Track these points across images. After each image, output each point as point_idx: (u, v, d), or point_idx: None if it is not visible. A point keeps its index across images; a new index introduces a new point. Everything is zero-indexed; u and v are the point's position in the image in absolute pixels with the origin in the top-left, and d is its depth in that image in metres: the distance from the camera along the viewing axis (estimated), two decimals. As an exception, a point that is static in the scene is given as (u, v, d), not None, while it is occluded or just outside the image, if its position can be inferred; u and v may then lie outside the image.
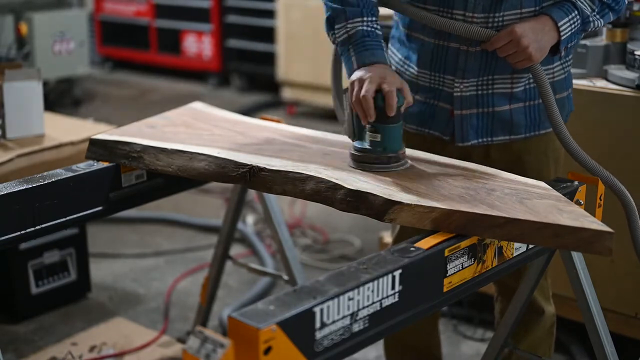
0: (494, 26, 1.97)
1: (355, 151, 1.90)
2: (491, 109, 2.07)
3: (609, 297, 2.55)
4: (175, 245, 4.11)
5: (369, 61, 1.91)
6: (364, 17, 1.97)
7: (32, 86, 2.91)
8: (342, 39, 1.98)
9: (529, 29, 1.92)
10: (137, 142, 2.10)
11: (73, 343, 3.02)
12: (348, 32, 1.97)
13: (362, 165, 1.87)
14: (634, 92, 2.62)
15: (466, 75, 2.03)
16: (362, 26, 1.96)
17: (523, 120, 2.09)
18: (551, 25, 1.94)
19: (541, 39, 1.93)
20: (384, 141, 1.87)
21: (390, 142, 1.87)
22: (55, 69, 6.39)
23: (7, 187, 1.93)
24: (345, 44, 1.97)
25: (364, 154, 1.88)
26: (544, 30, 1.93)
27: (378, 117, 1.85)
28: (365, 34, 1.96)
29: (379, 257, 1.52)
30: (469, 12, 1.97)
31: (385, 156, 1.87)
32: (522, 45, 1.90)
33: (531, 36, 1.91)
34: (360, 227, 4.23)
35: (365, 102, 1.83)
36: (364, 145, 1.89)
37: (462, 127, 2.08)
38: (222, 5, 7.40)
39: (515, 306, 2.17)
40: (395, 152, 1.87)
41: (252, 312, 1.30)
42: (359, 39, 1.95)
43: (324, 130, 2.24)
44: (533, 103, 2.09)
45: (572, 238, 1.57)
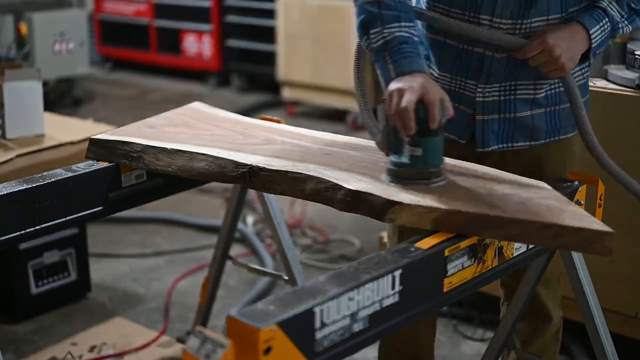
0: (521, 32, 1.95)
1: (394, 166, 1.78)
2: (513, 114, 2.04)
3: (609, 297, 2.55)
4: (175, 245, 4.11)
5: (408, 70, 1.79)
6: (402, 22, 1.85)
7: (32, 86, 2.92)
8: (378, 45, 1.85)
9: (561, 38, 1.89)
10: (137, 142, 2.10)
11: (73, 343, 3.02)
12: (385, 38, 1.84)
13: (401, 181, 1.76)
14: (634, 92, 2.62)
15: (490, 80, 2.01)
16: (399, 32, 1.83)
17: (544, 126, 2.06)
18: (582, 33, 1.92)
19: (572, 47, 1.90)
20: (425, 155, 1.75)
21: (432, 156, 1.76)
22: (55, 69, 6.39)
23: (7, 187, 1.93)
24: (381, 50, 1.84)
25: (403, 168, 1.77)
26: (576, 38, 1.91)
27: (419, 130, 1.73)
28: (403, 40, 1.83)
29: (379, 257, 1.52)
30: (497, 18, 1.93)
31: (426, 171, 1.76)
32: (554, 55, 1.88)
33: (563, 45, 1.88)
34: (360, 227, 4.23)
35: (406, 114, 1.71)
36: (402, 159, 1.78)
37: (483, 133, 2.05)
38: (222, 5, 7.40)
39: (516, 306, 2.17)
40: (437, 167, 1.77)
41: (252, 312, 1.30)
42: (396, 46, 1.82)
43: (324, 130, 2.24)
44: (554, 109, 2.07)
45: (572, 238, 1.57)
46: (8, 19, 6.17)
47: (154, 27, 7.89)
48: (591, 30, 1.92)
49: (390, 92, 1.77)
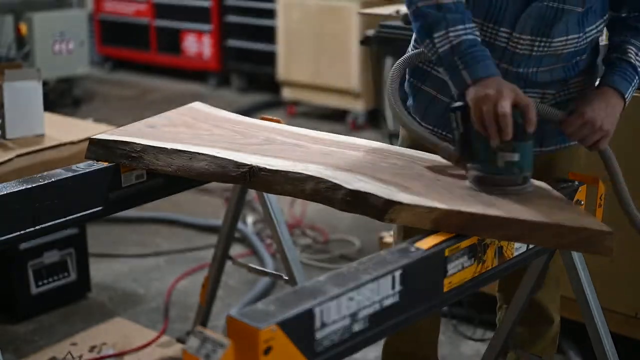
0: (539, 50, 1.91)
1: (485, 173, 1.73)
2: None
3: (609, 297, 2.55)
4: (175, 245, 4.11)
5: (485, 75, 1.73)
6: (466, 24, 1.78)
7: (32, 86, 2.92)
8: (444, 50, 1.78)
9: (598, 108, 1.86)
10: (137, 142, 2.10)
11: (73, 343, 3.02)
12: (451, 42, 1.77)
13: (493, 189, 1.72)
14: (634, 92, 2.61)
15: None
16: (466, 35, 1.77)
17: (554, 133, 2.04)
18: (617, 97, 1.89)
19: (611, 114, 1.87)
20: (522, 160, 1.71)
21: (528, 161, 1.73)
22: (55, 69, 6.39)
23: (7, 187, 1.93)
24: (449, 55, 1.78)
25: (498, 176, 1.72)
26: (611, 103, 1.88)
27: (515, 135, 1.69)
28: (472, 43, 1.77)
29: (379, 257, 1.52)
30: (516, 33, 1.89)
31: (522, 177, 1.73)
32: (597, 126, 1.85)
33: (602, 114, 1.86)
34: (360, 227, 4.23)
35: (504, 119, 1.66)
36: (490, 167, 1.72)
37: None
38: (222, 5, 7.40)
39: (516, 306, 2.17)
40: (530, 171, 1.74)
41: (252, 312, 1.30)
42: (466, 50, 1.76)
43: (324, 130, 2.24)
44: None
45: (572, 238, 1.57)
46: (8, 19, 6.17)
47: (154, 27, 7.89)
48: (626, 94, 1.90)
49: (476, 100, 1.71)
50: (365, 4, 5.86)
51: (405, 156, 1.98)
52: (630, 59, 1.91)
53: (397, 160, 1.94)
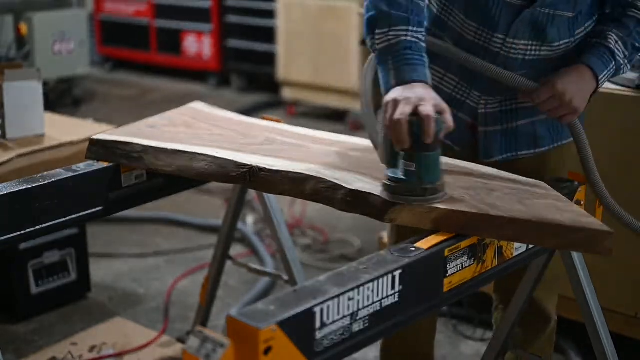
0: (530, 54, 1.94)
1: (389, 181, 1.69)
2: (515, 124, 2.04)
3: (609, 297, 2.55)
4: (175, 245, 4.11)
5: (409, 78, 1.71)
6: (410, 25, 1.76)
7: (32, 86, 2.91)
8: (382, 47, 1.76)
9: (569, 82, 1.88)
10: (137, 142, 2.10)
11: (73, 343, 3.02)
12: (389, 40, 1.76)
13: (396, 197, 1.67)
14: (634, 92, 2.62)
15: (494, 92, 2.00)
16: (406, 36, 1.75)
17: (547, 133, 2.06)
18: (591, 76, 1.90)
19: (582, 90, 1.89)
20: (420, 171, 1.65)
21: (427, 172, 1.65)
22: (55, 69, 6.39)
23: (7, 187, 1.93)
24: (384, 53, 1.76)
25: (398, 184, 1.67)
26: (585, 80, 1.90)
27: (413, 144, 1.64)
28: (408, 45, 1.74)
29: (379, 257, 1.52)
30: (510, 38, 1.91)
31: (420, 188, 1.65)
32: (566, 100, 1.86)
33: (573, 89, 1.87)
34: (360, 227, 4.23)
35: (399, 127, 1.62)
36: (398, 174, 1.68)
37: (486, 144, 2.05)
38: (222, 5, 7.40)
39: (515, 306, 2.17)
40: (433, 183, 1.66)
41: (252, 312, 1.30)
42: (400, 51, 1.74)
43: (324, 130, 2.24)
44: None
45: (572, 238, 1.57)
46: (8, 19, 6.17)
47: (154, 27, 7.89)
48: (600, 75, 1.91)
49: (386, 102, 1.70)
50: (365, 4, 5.86)
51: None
52: (609, 44, 1.93)
53: (397, 160, 1.94)
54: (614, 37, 1.93)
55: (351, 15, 6.03)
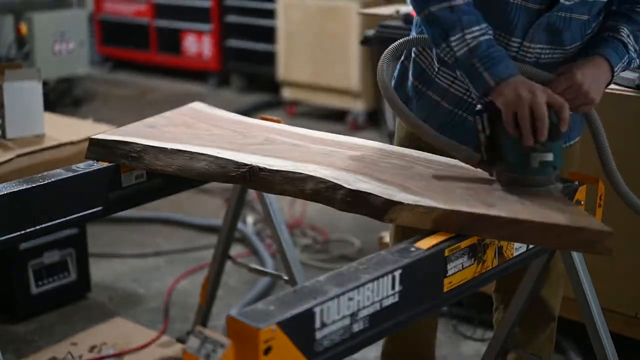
0: (545, 57, 1.94)
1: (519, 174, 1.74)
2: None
3: (609, 297, 2.55)
4: (175, 245, 4.11)
5: (507, 74, 1.73)
6: (481, 24, 1.78)
7: (32, 86, 2.91)
8: (462, 53, 1.77)
9: (588, 74, 1.86)
10: (137, 142, 2.10)
11: (73, 343, 3.02)
12: (469, 44, 1.76)
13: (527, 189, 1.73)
14: (634, 92, 2.62)
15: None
16: (482, 36, 1.77)
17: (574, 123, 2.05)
18: (607, 68, 1.89)
19: (599, 81, 1.88)
20: (556, 159, 1.73)
21: (560, 159, 1.75)
22: (55, 69, 6.39)
23: (7, 187, 1.93)
24: (467, 57, 1.77)
25: (533, 176, 1.73)
26: (601, 72, 1.88)
27: (550, 135, 1.70)
28: (489, 44, 1.76)
29: (379, 257, 1.52)
30: (527, 42, 1.91)
31: (555, 174, 1.74)
32: (583, 90, 1.84)
33: (590, 80, 1.85)
34: (360, 227, 4.23)
35: (542, 121, 1.67)
36: (525, 169, 1.73)
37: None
38: (222, 5, 7.40)
39: (516, 306, 2.17)
40: (558, 169, 1.76)
41: (252, 312, 1.30)
42: (484, 52, 1.76)
43: (324, 130, 2.24)
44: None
45: (572, 238, 1.57)
46: (8, 19, 6.17)
47: (154, 27, 7.89)
48: (615, 67, 1.90)
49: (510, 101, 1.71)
50: (365, 4, 5.86)
51: (405, 156, 1.98)
52: (622, 37, 1.92)
53: (397, 160, 1.94)
54: (627, 30, 1.92)
55: (351, 15, 6.03)
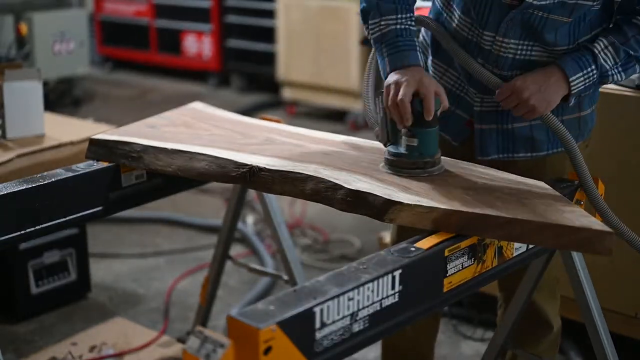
0: (521, 54, 1.94)
1: (391, 156, 1.87)
2: (511, 125, 2.03)
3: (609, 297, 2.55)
4: (175, 245, 4.11)
5: (402, 64, 1.86)
6: (398, 14, 1.90)
7: (32, 86, 2.91)
8: (375, 37, 1.92)
9: (531, 81, 1.88)
10: (137, 142, 2.10)
11: (73, 343, 3.02)
12: (381, 30, 1.91)
13: (398, 170, 1.84)
14: (634, 92, 2.62)
15: (489, 91, 1.99)
16: (395, 25, 1.90)
17: (545, 137, 2.04)
18: (559, 77, 1.89)
19: (545, 90, 1.88)
20: (421, 146, 1.84)
21: (427, 147, 1.84)
22: (55, 69, 6.39)
23: (7, 187, 1.93)
24: (378, 42, 1.92)
25: (400, 158, 1.85)
26: (549, 81, 1.89)
27: (415, 122, 1.82)
28: (398, 33, 1.89)
29: (379, 257, 1.52)
30: (499, 37, 1.93)
31: (422, 161, 1.84)
32: (523, 98, 1.87)
33: (533, 88, 1.87)
34: (360, 227, 4.23)
35: (402, 106, 1.79)
36: (399, 149, 1.86)
37: (482, 142, 2.05)
38: (222, 5, 7.40)
39: (515, 306, 2.17)
40: (432, 157, 1.85)
41: (252, 312, 1.30)
42: (392, 39, 1.90)
43: (324, 130, 2.25)
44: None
45: (572, 238, 1.57)
46: (8, 19, 6.17)
47: (154, 27, 7.89)
48: (571, 77, 1.89)
49: (387, 85, 1.85)
50: (365, 4, 5.86)
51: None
52: (594, 48, 1.90)
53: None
54: (605, 42, 1.90)
55: (351, 15, 6.03)
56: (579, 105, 2.03)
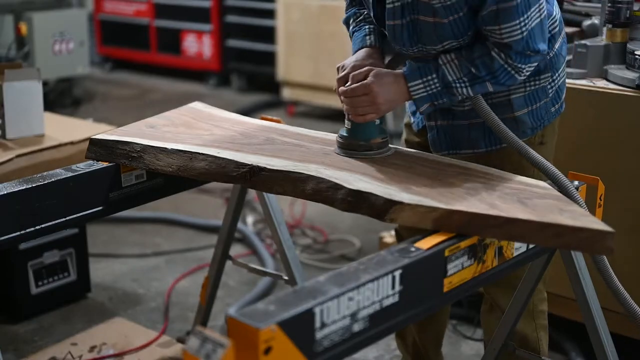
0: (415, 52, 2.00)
1: (339, 137, 2.03)
2: (450, 122, 2.12)
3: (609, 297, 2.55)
4: (175, 245, 4.11)
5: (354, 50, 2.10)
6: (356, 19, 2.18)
7: (32, 86, 2.92)
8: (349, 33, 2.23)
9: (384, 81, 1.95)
10: (137, 142, 2.10)
11: (73, 343, 3.02)
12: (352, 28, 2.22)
13: (338, 150, 2.00)
14: (634, 92, 2.62)
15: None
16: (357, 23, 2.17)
17: (481, 135, 2.10)
18: (403, 83, 1.95)
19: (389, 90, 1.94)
20: (352, 129, 1.99)
21: (358, 131, 1.98)
22: (55, 69, 6.39)
23: (7, 187, 1.93)
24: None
25: (340, 140, 2.01)
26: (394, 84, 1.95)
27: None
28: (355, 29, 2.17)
29: (379, 257, 1.52)
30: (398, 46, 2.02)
31: (355, 143, 1.97)
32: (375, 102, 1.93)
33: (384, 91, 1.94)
34: (360, 227, 4.23)
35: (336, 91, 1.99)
36: (343, 132, 2.01)
37: (432, 137, 2.16)
38: (222, 5, 7.40)
39: (516, 307, 2.17)
40: (366, 141, 1.97)
41: (252, 312, 1.30)
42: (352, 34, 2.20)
43: (324, 130, 2.25)
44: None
45: (573, 238, 1.57)
46: (8, 19, 6.17)
47: (154, 27, 7.89)
48: (410, 83, 1.95)
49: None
50: (365, 4, 5.86)
51: (405, 156, 1.98)
52: (439, 59, 1.93)
53: (398, 160, 1.94)
54: (452, 55, 1.92)
55: (351, 15, 6.02)
56: (511, 107, 2.07)
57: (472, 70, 1.91)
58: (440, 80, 1.93)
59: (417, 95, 1.95)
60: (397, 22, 1.96)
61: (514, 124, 2.06)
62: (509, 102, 2.08)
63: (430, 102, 1.95)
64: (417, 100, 1.95)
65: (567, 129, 2.73)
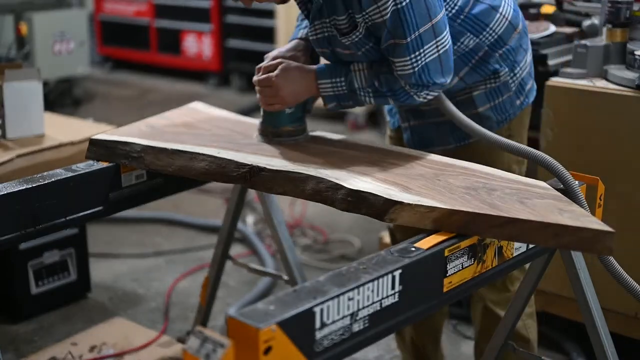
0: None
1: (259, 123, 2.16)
2: (417, 122, 2.18)
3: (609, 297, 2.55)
4: (175, 245, 4.11)
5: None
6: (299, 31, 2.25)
7: (32, 86, 2.91)
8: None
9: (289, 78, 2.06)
10: (137, 142, 2.10)
11: (73, 343, 3.02)
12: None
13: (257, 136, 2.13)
14: (634, 92, 2.62)
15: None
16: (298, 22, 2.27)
17: (448, 132, 2.16)
18: (312, 78, 2.05)
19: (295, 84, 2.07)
20: (264, 116, 2.14)
21: (267, 119, 2.13)
22: (55, 69, 6.39)
23: (7, 187, 1.93)
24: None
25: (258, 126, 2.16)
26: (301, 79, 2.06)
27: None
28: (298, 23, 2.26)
29: (379, 257, 1.52)
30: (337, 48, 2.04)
31: (267, 129, 2.12)
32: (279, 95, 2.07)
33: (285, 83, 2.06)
34: (360, 227, 4.23)
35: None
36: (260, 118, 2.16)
37: (406, 135, 2.23)
38: (222, 5, 7.40)
39: (516, 307, 2.17)
40: (276, 128, 2.10)
41: (252, 312, 1.30)
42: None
43: (324, 130, 2.25)
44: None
45: (573, 238, 1.57)
46: (8, 19, 6.17)
47: (154, 27, 7.89)
48: (318, 80, 2.05)
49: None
50: (365, 4, 5.85)
51: (405, 156, 1.98)
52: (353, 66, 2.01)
53: (398, 160, 1.94)
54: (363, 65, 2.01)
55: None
56: (473, 103, 2.13)
57: (375, 84, 1.99)
58: (347, 84, 2.02)
59: (324, 93, 2.05)
60: (324, 50, 2.06)
61: (478, 120, 2.10)
62: (471, 99, 2.13)
63: (337, 102, 2.05)
64: (324, 98, 2.05)
65: (567, 129, 2.73)
